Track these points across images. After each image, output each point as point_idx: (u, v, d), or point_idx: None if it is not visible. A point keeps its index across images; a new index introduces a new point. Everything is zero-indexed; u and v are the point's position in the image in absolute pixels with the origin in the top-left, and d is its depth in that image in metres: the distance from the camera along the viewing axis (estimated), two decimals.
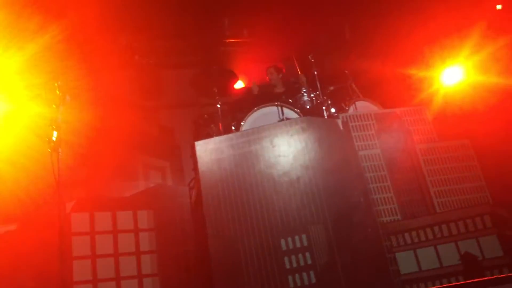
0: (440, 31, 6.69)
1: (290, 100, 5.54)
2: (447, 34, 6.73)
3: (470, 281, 3.78)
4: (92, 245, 4.53)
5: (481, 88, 6.15)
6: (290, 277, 4.10)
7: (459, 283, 3.95)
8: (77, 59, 5.91)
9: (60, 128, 3.07)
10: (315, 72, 5.45)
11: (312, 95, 5.48)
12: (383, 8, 6.72)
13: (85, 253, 4.47)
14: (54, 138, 3.01)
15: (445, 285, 3.99)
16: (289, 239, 4.20)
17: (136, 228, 4.80)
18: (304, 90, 5.52)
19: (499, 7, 6.53)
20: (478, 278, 3.87)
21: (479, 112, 5.73)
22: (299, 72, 6.00)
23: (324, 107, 5.23)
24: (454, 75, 6.87)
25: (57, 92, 3.17)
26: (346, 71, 6.07)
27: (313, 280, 4.04)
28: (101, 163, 5.73)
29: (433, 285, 4.11)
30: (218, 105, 5.54)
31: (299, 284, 4.07)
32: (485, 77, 6.20)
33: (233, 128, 5.43)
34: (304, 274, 4.08)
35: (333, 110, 5.37)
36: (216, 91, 5.63)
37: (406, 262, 4.25)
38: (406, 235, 4.31)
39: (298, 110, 5.26)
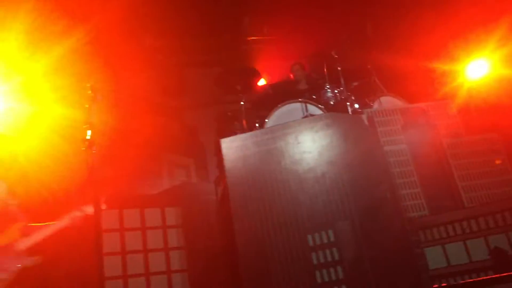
0: (465, 25, 6.61)
1: (314, 97, 5.54)
2: (472, 28, 6.64)
3: (500, 275, 3.75)
4: (121, 241, 4.62)
5: (507, 81, 6.06)
6: (317, 273, 4.12)
7: (487, 277, 3.93)
8: (102, 61, 6.02)
9: (94, 127, 3.14)
10: (339, 68, 5.45)
11: (336, 91, 5.48)
12: (406, 3, 6.66)
13: (115, 250, 4.56)
14: (88, 137, 3.09)
15: (474, 280, 3.97)
16: (316, 235, 4.21)
17: (164, 224, 4.88)
18: (328, 86, 5.52)
19: None
20: (508, 272, 3.83)
21: (506, 106, 5.65)
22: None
23: (348, 103, 5.23)
24: (479, 69, 6.78)
25: (90, 92, 3.24)
26: (369, 66, 6.05)
27: (341, 276, 4.06)
28: (128, 162, 5.81)
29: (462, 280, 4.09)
30: (242, 103, 5.58)
31: (326, 279, 4.08)
32: (510, 71, 6.11)
33: (257, 125, 5.46)
34: (332, 270, 4.10)
35: (357, 105, 5.35)
36: (239, 89, 5.67)
37: (434, 257, 4.22)
38: (435, 230, 4.28)
39: (322, 107, 5.27)
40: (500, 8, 6.25)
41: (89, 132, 3.10)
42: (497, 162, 4.65)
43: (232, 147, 4.61)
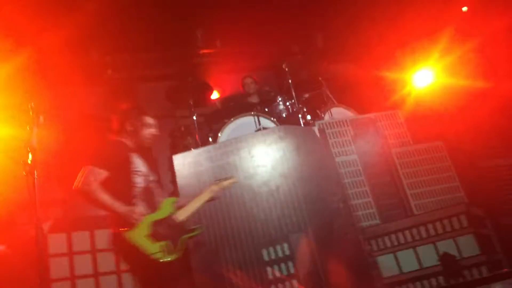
0: (411, 35, 6.85)
1: (266, 109, 5.56)
2: (418, 38, 6.89)
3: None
4: (70, 266, 4.44)
5: (450, 90, 6.31)
6: (273, 287, 4.12)
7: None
8: (50, 79, 5.85)
9: (35, 150, 3.02)
10: (290, 81, 5.50)
11: (287, 103, 5.53)
12: (355, 14, 6.83)
13: (63, 275, 4.37)
14: (29, 161, 2.96)
15: None
16: (271, 249, 4.22)
17: None
18: (280, 99, 5.56)
19: (464, 9, 6.71)
20: (457, 277, 3.96)
21: (450, 114, 5.87)
22: None
23: (300, 115, 5.28)
24: (425, 77, 7.03)
25: (31, 113, 3.12)
26: (320, 78, 6.14)
27: None
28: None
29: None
30: (194, 117, 5.52)
31: None
32: (454, 80, 6.37)
33: (210, 139, 5.42)
34: (287, 284, 4.10)
35: (309, 117, 5.41)
36: (191, 103, 5.62)
37: (387, 266, 4.31)
38: (386, 238, 4.37)
39: (275, 119, 5.29)
40: (443, 19, 6.52)
41: (30, 156, 2.97)
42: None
43: (184, 164, 4.56)
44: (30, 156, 3.00)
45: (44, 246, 4.15)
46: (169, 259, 3.29)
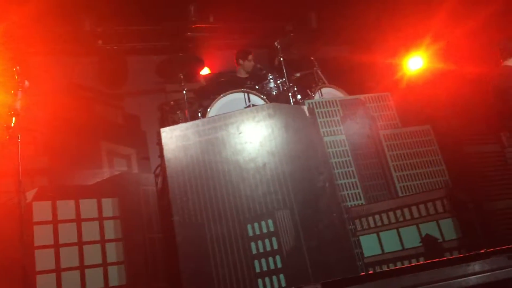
0: (405, 19, 6.81)
1: (257, 87, 5.54)
2: (411, 23, 6.86)
3: (429, 261, 3.92)
4: (55, 234, 4.44)
5: (441, 75, 6.32)
6: (256, 262, 4.16)
7: (417, 263, 4.11)
8: (38, 45, 5.75)
9: (19, 114, 2.98)
10: (281, 59, 5.46)
11: (278, 81, 5.50)
12: None
13: (47, 242, 4.37)
14: (12, 125, 2.92)
15: (405, 266, 4.14)
16: (256, 224, 4.24)
17: (101, 216, 4.73)
18: (271, 77, 5.53)
19: None
20: (437, 258, 4.02)
21: (439, 98, 5.89)
22: None
23: (290, 94, 5.26)
24: (416, 63, 7.05)
25: (16, 77, 3.06)
26: (312, 58, 6.11)
27: (279, 265, 4.10)
28: (64, 151, 5.60)
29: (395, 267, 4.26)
30: (184, 92, 5.48)
31: (265, 268, 4.12)
32: (445, 65, 6.38)
33: (199, 115, 5.40)
34: (271, 259, 4.14)
35: (299, 96, 5.40)
36: (182, 77, 5.56)
37: (369, 245, 4.36)
38: (370, 218, 4.42)
39: (265, 97, 5.27)
40: (436, 4, 6.49)
41: (13, 120, 2.94)
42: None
43: (172, 137, 4.52)
44: (13, 120, 2.96)
45: (29, 213, 4.18)
46: None
